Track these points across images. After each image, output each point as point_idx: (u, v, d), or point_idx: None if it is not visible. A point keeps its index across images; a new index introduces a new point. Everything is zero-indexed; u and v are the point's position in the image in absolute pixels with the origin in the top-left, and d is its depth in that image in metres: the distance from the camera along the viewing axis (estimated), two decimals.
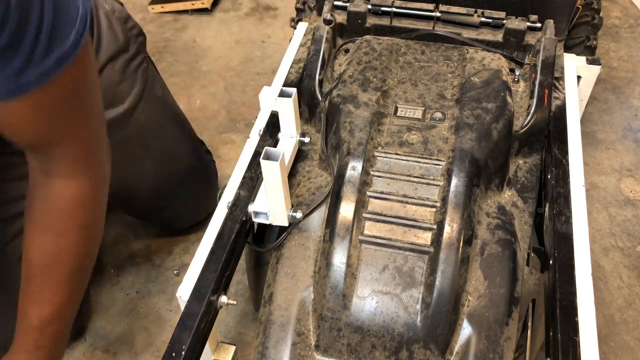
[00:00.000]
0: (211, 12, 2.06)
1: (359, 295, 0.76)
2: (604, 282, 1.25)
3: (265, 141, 0.94)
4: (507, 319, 0.76)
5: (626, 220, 1.38)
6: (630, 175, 1.48)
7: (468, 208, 0.78)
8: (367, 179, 0.82)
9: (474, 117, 0.86)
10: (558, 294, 0.73)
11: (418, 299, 0.75)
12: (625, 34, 1.90)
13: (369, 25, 1.11)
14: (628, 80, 1.74)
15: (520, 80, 1.02)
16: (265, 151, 0.72)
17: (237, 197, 0.85)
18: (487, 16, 1.07)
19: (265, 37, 1.96)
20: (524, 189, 0.89)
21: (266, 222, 0.83)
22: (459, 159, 0.81)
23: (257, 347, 0.79)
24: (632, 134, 1.58)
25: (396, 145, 0.85)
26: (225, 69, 1.84)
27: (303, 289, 0.79)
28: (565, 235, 0.80)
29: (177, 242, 1.36)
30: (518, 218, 0.86)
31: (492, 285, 0.77)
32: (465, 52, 0.99)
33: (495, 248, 0.80)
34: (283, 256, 0.82)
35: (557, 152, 0.90)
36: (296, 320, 0.78)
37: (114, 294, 1.26)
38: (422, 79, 0.95)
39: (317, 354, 0.76)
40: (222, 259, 0.77)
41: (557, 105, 0.98)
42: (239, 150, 0.97)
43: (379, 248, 0.78)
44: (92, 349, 1.17)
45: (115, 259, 1.33)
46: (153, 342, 1.18)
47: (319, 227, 0.83)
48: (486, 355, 0.73)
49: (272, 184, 0.75)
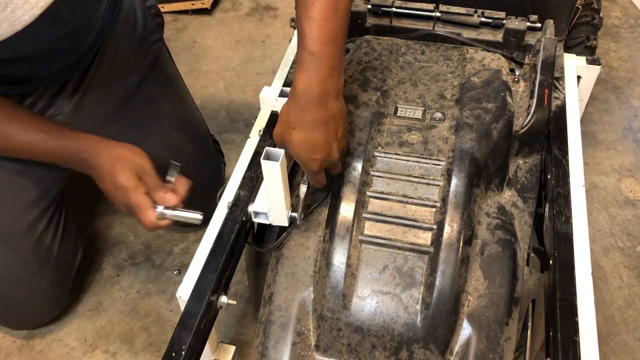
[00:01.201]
0: (211, 12, 2.06)
1: (359, 295, 0.76)
2: (604, 282, 1.25)
3: (265, 141, 0.94)
4: (507, 319, 0.76)
5: (626, 220, 1.38)
6: (630, 175, 1.48)
7: (468, 208, 0.78)
8: (367, 179, 0.82)
9: (474, 117, 0.86)
10: (558, 294, 0.73)
11: (418, 299, 0.75)
12: (625, 34, 1.90)
13: (369, 25, 1.12)
14: (628, 80, 1.74)
15: (520, 80, 1.02)
16: (265, 151, 0.72)
17: (237, 197, 0.85)
18: (487, 16, 1.07)
19: (265, 37, 1.96)
20: (524, 189, 0.89)
21: (266, 222, 0.83)
22: (459, 159, 0.81)
23: (257, 347, 0.79)
24: (632, 134, 1.58)
25: (396, 145, 0.85)
26: (225, 69, 1.84)
27: (303, 289, 0.79)
28: (565, 235, 0.80)
29: (177, 242, 1.36)
30: (518, 218, 0.86)
31: (492, 285, 0.77)
32: (465, 52, 0.99)
33: (495, 248, 0.80)
34: (283, 256, 0.82)
35: (557, 152, 0.90)
36: (296, 320, 0.78)
37: (114, 294, 1.26)
38: (422, 79, 0.95)
39: (317, 354, 0.76)
40: (222, 259, 0.77)
41: (557, 105, 0.98)
42: (239, 150, 0.97)
43: (379, 248, 0.78)
44: (92, 349, 1.17)
45: (115, 258, 1.33)
46: (153, 342, 1.18)
47: (319, 227, 0.83)
48: (486, 355, 0.73)
49: (272, 184, 0.75)
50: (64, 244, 1.12)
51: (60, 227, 1.12)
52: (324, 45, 0.71)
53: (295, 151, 0.75)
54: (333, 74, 0.72)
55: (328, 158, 0.76)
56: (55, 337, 1.19)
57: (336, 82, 0.73)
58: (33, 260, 1.07)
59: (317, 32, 0.71)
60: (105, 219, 1.41)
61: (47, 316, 1.18)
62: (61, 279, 1.14)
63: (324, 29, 0.71)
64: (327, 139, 0.74)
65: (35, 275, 1.08)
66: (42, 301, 1.13)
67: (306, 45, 0.71)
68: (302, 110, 0.73)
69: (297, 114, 0.73)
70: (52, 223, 1.10)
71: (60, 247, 1.11)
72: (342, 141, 0.77)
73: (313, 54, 0.71)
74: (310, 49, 0.71)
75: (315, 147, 0.74)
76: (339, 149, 0.77)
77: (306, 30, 0.71)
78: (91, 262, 1.32)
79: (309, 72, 0.71)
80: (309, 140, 0.74)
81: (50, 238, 1.09)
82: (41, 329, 1.20)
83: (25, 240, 1.05)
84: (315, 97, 0.72)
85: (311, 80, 0.71)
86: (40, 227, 1.07)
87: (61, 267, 1.13)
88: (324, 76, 0.71)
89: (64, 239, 1.12)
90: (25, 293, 1.09)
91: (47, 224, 1.08)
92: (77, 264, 1.19)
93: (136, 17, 1.12)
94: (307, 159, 0.75)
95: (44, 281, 1.10)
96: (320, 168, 0.77)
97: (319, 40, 0.71)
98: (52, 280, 1.12)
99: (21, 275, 1.06)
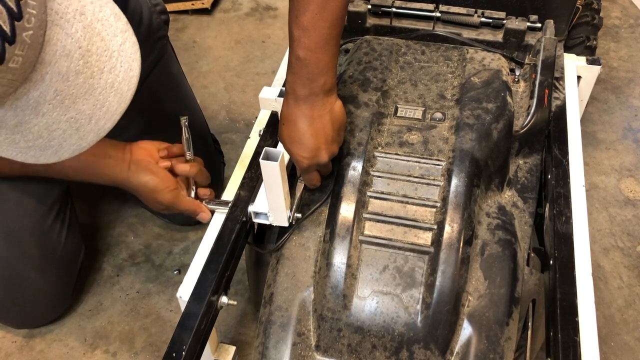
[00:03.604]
0: (211, 12, 2.06)
1: (359, 295, 0.76)
2: (604, 282, 1.25)
3: (265, 141, 0.94)
4: (507, 319, 0.76)
5: (626, 220, 1.38)
6: (630, 175, 1.48)
7: (468, 208, 0.78)
8: (367, 179, 0.82)
9: (474, 117, 0.86)
10: (558, 294, 0.73)
11: (418, 299, 0.75)
12: (625, 34, 1.90)
13: (369, 26, 1.12)
14: (628, 80, 1.74)
15: (520, 81, 1.02)
16: (264, 151, 0.72)
17: (237, 198, 0.85)
18: (487, 16, 1.07)
19: (265, 37, 1.96)
20: (524, 189, 0.89)
21: (266, 222, 0.83)
22: (459, 159, 0.81)
23: (258, 347, 0.79)
24: (632, 134, 1.58)
25: (396, 145, 0.85)
26: (225, 69, 1.84)
27: (303, 289, 0.79)
28: (566, 235, 0.80)
29: (177, 242, 1.36)
30: (518, 218, 0.86)
31: (493, 286, 0.77)
32: (465, 52, 0.99)
33: (495, 248, 0.80)
34: (283, 256, 0.82)
35: (557, 152, 0.90)
36: (296, 321, 0.78)
37: (114, 294, 1.26)
38: (422, 79, 0.95)
39: (317, 354, 0.76)
40: (223, 259, 0.77)
41: (557, 105, 0.98)
42: (239, 150, 0.97)
43: (379, 248, 0.78)
44: (92, 349, 1.17)
45: (115, 258, 1.33)
46: (153, 342, 1.18)
47: (320, 228, 0.83)
48: (486, 355, 0.73)
49: (271, 184, 0.75)
50: (69, 240, 1.13)
51: (66, 223, 1.12)
52: (310, 52, 0.73)
53: (285, 146, 0.80)
54: (319, 79, 0.75)
55: (315, 158, 0.79)
56: (55, 337, 1.19)
57: (322, 84, 0.75)
58: (38, 257, 1.07)
59: (305, 41, 0.73)
60: (105, 219, 1.41)
61: (50, 315, 1.18)
62: (65, 276, 1.14)
63: (312, 37, 0.73)
64: (314, 138, 0.77)
65: (41, 272, 1.08)
66: (46, 299, 1.13)
67: (294, 51, 0.74)
68: (289, 108, 0.78)
69: (286, 111, 0.79)
70: (59, 219, 1.10)
71: (65, 244, 1.11)
72: (332, 145, 0.79)
73: (300, 59, 0.73)
74: (297, 54, 0.74)
75: (300, 144, 0.78)
76: (328, 152, 0.79)
77: (295, 37, 0.73)
78: (91, 262, 1.32)
79: (296, 75, 0.75)
80: (294, 137, 0.78)
81: (56, 234, 1.09)
82: (41, 329, 1.20)
83: (32, 237, 1.06)
84: (300, 97, 0.76)
85: (297, 82, 0.75)
86: (47, 224, 1.07)
87: (66, 264, 1.13)
88: (310, 80, 0.74)
89: (69, 235, 1.13)
90: (30, 290, 1.09)
91: (54, 220, 1.09)
92: (80, 261, 1.19)
93: (142, 14, 1.13)
94: (295, 155, 0.79)
95: (49, 278, 1.10)
96: (309, 167, 0.80)
97: (306, 47, 0.73)
98: (57, 277, 1.12)
99: (26, 272, 1.06)
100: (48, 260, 1.09)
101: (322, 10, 0.71)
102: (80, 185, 1.29)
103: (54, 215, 1.08)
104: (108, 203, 1.44)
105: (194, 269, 0.81)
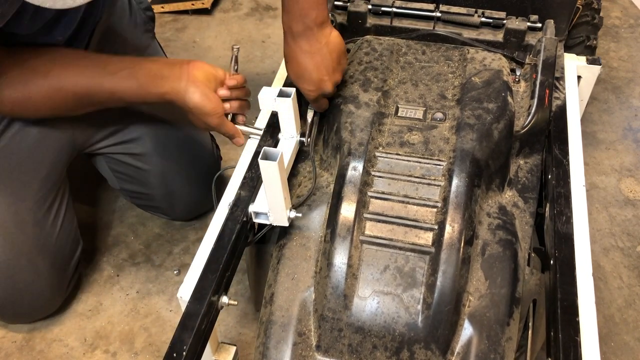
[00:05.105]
0: (211, 12, 2.06)
1: (360, 295, 0.76)
2: (604, 282, 1.25)
3: (265, 141, 0.94)
4: (508, 319, 0.76)
5: (626, 220, 1.38)
6: (630, 175, 1.48)
7: (469, 208, 0.78)
8: (368, 179, 0.82)
9: (475, 117, 0.86)
10: (559, 294, 0.73)
11: (419, 300, 0.75)
12: (625, 34, 1.90)
13: (370, 26, 1.11)
14: (628, 80, 1.74)
15: (521, 81, 1.02)
16: (263, 151, 0.72)
17: (237, 198, 0.85)
18: (487, 16, 1.07)
19: (265, 37, 1.96)
20: (525, 189, 0.89)
21: (266, 222, 0.83)
22: (460, 159, 0.81)
23: (258, 347, 0.79)
24: (632, 134, 1.58)
25: (397, 145, 0.85)
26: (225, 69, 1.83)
27: (304, 290, 0.79)
28: (566, 235, 0.80)
29: (177, 242, 1.36)
30: (519, 218, 0.86)
31: (493, 286, 0.77)
32: (465, 52, 0.99)
33: (496, 248, 0.80)
34: (284, 256, 0.82)
35: (558, 152, 0.90)
36: (297, 321, 0.78)
37: (114, 294, 1.26)
38: (422, 79, 0.95)
39: (318, 355, 0.76)
40: (223, 259, 0.77)
41: (558, 105, 0.98)
42: (239, 150, 0.97)
43: (380, 248, 0.78)
44: (92, 349, 1.17)
45: (115, 259, 1.33)
46: (153, 342, 1.18)
47: (320, 228, 0.83)
48: (487, 355, 0.73)
49: (271, 184, 0.75)
50: (63, 233, 1.13)
51: (61, 215, 1.13)
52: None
53: (292, 79, 0.89)
54: (310, 13, 0.83)
55: (321, 89, 0.88)
56: (55, 337, 1.19)
57: (314, 18, 0.83)
58: (29, 245, 1.07)
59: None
60: (105, 219, 1.41)
61: (44, 309, 1.18)
62: (60, 268, 1.14)
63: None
64: (316, 71, 0.86)
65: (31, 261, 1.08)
66: (40, 291, 1.13)
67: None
68: (289, 47, 0.87)
69: (287, 50, 0.88)
70: (52, 210, 1.11)
71: (58, 235, 1.12)
72: (335, 74, 0.88)
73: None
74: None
75: (305, 78, 0.87)
76: (331, 81, 0.87)
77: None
78: (91, 262, 1.32)
79: (290, 13, 0.84)
80: (299, 73, 0.87)
81: (49, 225, 1.10)
82: (41, 329, 1.20)
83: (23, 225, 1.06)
84: (296, 34, 0.84)
85: (292, 20, 0.84)
86: (40, 214, 1.08)
87: (60, 256, 1.14)
88: (302, 15, 0.83)
89: (63, 227, 1.13)
90: (21, 279, 1.09)
91: (47, 211, 1.10)
92: (76, 257, 1.19)
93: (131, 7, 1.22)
94: (303, 89, 0.89)
95: (41, 268, 1.10)
96: (317, 97, 0.90)
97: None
98: (50, 267, 1.12)
99: (16, 260, 1.06)
100: (39, 249, 1.09)
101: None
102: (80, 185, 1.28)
103: (47, 206, 1.09)
104: (108, 203, 1.44)
105: (194, 269, 0.81)
